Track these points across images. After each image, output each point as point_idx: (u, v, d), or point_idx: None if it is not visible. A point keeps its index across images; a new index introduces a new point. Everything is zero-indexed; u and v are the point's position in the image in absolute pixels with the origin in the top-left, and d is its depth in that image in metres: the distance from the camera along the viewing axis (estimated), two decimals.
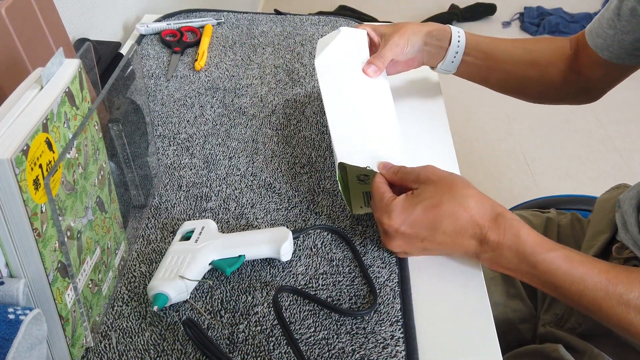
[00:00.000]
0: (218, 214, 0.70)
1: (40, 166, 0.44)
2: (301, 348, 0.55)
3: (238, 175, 0.76)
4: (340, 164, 0.67)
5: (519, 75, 0.84)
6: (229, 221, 0.69)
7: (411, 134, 0.82)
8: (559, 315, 0.78)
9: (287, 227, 0.68)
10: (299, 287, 0.61)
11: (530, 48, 0.84)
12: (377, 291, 0.61)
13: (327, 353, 0.56)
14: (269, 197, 0.72)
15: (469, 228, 0.58)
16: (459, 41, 0.81)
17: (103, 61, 0.93)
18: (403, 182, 0.64)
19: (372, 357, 0.55)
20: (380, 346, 0.56)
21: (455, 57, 0.82)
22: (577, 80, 0.83)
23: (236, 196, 0.73)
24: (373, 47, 0.83)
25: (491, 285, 0.84)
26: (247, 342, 0.56)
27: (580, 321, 0.75)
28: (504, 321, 0.83)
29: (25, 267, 0.45)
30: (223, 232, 0.67)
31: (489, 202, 0.59)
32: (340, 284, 0.62)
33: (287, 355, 0.55)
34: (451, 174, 0.62)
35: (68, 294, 0.49)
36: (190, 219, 0.69)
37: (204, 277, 0.62)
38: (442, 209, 0.58)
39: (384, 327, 0.58)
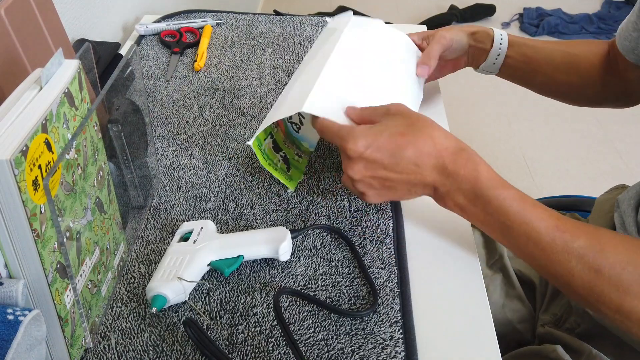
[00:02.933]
0: (217, 215, 0.70)
1: (40, 167, 0.44)
2: (300, 349, 0.55)
3: (237, 175, 0.76)
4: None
5: (560, 79, 0.85)
6: (228, 222, 0.69)
7: None
8: (558, 316, 0.78)
9: (287, 227, 0.68)
10: (298, 288, 0.61)
11: (570, 51, 0.85)
12: (377, 292, 0.61)
13: (327, 354, 0.56)
14: (268, 197, 0.72)
15: (431, 157, 0.58)
16: (501, 43, 0.83)
17: (102, 62, 0.93)
18: (371, 117, 0.63)
19: (371, 358, 0.55)
20: (380, 347, 0.56)
21: (497, 58, 0.84)
22: (616, 83, 0.83)
23: (235, 197, 0.73)
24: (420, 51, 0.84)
25: (490, 286, 0.84)
26: (246, 343, 0.56)
27: (579, 321, 0.75)
28: (503, 322, 0.83)
29: (25, 268, 0.45)
30: (222, 233, 0.67)
31: (454, 138, 0.60)
32: (340, 284, 0.62)
33: (286, 356, 0.55)
34: (421, 114, 0.62)
35: (67, 295, 0.49)
36: (189, 220, 0.69)
37: (202, 278, 0.62)
38: (408, 137, 0.58)
39: (383, 328, 0.58)
